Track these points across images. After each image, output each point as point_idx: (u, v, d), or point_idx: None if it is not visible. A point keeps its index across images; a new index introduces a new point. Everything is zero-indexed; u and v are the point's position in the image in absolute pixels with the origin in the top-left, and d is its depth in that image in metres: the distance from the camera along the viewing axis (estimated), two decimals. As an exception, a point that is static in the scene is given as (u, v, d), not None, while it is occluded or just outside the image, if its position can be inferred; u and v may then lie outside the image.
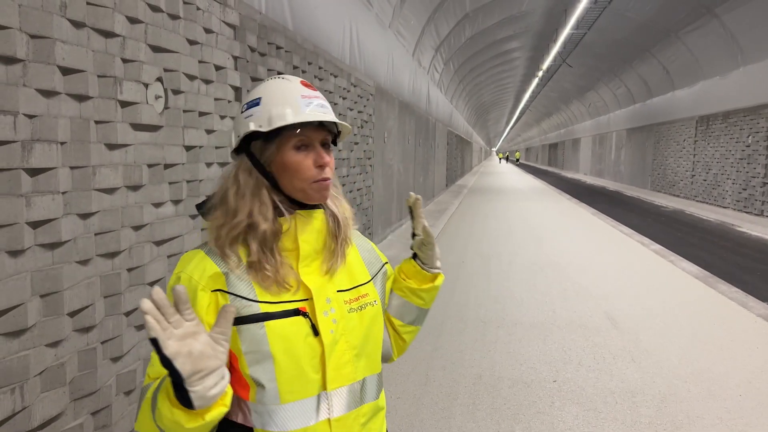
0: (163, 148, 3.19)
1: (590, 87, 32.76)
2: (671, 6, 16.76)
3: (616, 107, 30.82)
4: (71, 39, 2.45)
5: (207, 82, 3.68)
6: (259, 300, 1.10)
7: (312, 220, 1.19)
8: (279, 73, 4.96)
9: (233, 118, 4.10)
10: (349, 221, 1.25)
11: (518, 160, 74.42)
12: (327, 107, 1.19)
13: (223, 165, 3.97)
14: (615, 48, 23.10)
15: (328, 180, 1.16)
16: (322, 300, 1.16)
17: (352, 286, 1.22)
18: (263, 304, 1.10)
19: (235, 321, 1.06)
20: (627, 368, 4.20)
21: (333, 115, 1.18)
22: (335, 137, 1.23)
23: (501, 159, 78.94)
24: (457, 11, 14.77)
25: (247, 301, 1.09)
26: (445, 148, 21.99)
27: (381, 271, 1.33)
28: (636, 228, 12.20)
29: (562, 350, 4.57)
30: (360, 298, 1.22)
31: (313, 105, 1.16)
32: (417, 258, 1.39)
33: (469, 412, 3.49)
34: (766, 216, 14.48)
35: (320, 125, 1.16)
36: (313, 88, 1.20)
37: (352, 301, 1.20)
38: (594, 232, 11.36)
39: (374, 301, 1.25)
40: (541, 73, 28.17)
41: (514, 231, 11.22)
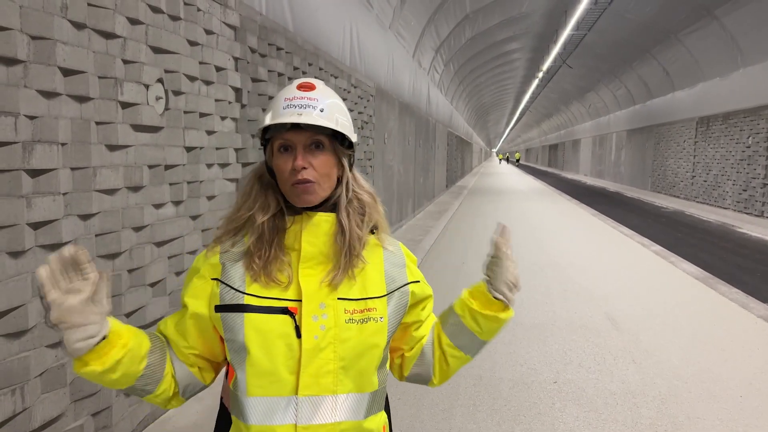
0: (163, 149, 3.19)
1: (590, 88, 32.77)
2: (671, 7, 16.77)
3: (616, 108, 30.83)
4: (72, 40, 2.45)
5: (207, 83, 3.68)
6: (245, 292, 1.14)
7: (319, 222, 1.18)
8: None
9: (235, 120, 4.10)
10: (361, 239, 1.19)
11: (518, 160, 74.42)
12: (310, 108, 1.14)
13: (223, 166, 3.97)
14: (615, 49, 23.11)
15: (305, 183, 1.13)
16: (313, 304, 1.14)
17: (360, 297, 1.18)
18: (248, 297, 1.14)
19: (220, 308, 1.14)
20: (627, 369, 4.19)
21: (315, 117, 1.13)
22: (344, 138, 1.19)
23: (501, 160, 78.93)
24: (457, 12, 14.78)
25: (234, 292, 1.14)
26: (445, 149, 21.99)
27: (401, 289, 1.24)
28: (636, 229, 12.20)
29: (562, 351, 4.57)
30: (365, 311, 1.17)
31: (291, 107, 1.14)
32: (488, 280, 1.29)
33: (470, 413, 3.49)
34: (766, 217, 14.48)
35: (302, 127, 1.13)
36: (308, 89, 1.18)
37: (356, 312, 1.16)
38: (594, 233, 11.36)
39: (380, 318, 1.19)
40: (541, 74, 28.19)
41: (514, 232, 11.11)
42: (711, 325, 5.29)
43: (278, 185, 1.19)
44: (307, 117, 1.13)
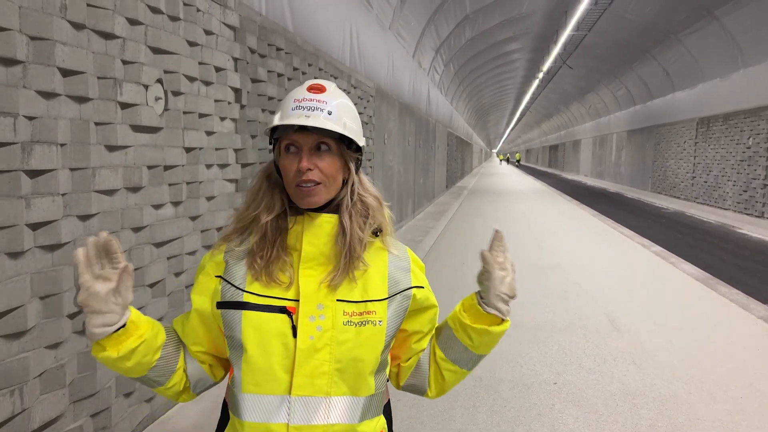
0: (163, 149, 3.19)
1: (590, 88, 32.77)
2: (671, 8, 16.77)
3: (617, 109, 30.83)
4: (71, 41, 2.45)
5: (207, 83, 3.68)
6: (245, 290, 1.16)
7: (321, 223, 1.18)
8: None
9: (234, 121, 4.10)
10: (362, 241, 1.19)
11: (518, 161, 74.45)
12: (318, 111, 1.14)
13: (223, 167, 3.97)
14: (615, 49, 23.11)
15: (309, 185, 1.14)
16: (311, 304, 1.14)
17: (360, 300, 1.17)
18: (248, 294, 1.15)
19: (221, 305, 1.17)
20: (627, 370, 4.19)
21: (322, 120, 1.13)
22: (351, 141, 1.19)
23: (502, 161, 78.94)
24: (458, 12, 14.78)
25: (235, 289, 1.17)
26: (445, 150, 21.99)
27: (403, 293, 1.22)
28: (636, 229, 12.19)
29: (562, 352, 4.56)
30: (365, 313, 1.16)
31: (300, 109, 1.14)
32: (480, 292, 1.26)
33: (470, 415, 3.48)
34: (766, 218, 14.47)
35: (309, 129, 1.14)
36: (318, 91, 1.18)
37: (354, 314, 1.16)
38: (594, 234, 11.36)
39: (379, 321, 1.17)
40: (541, 75, 28.18)
41: (514, 232, 11.21)
42: (711, 326, 5.29)
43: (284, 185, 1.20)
44: (315, 120, 1.13)
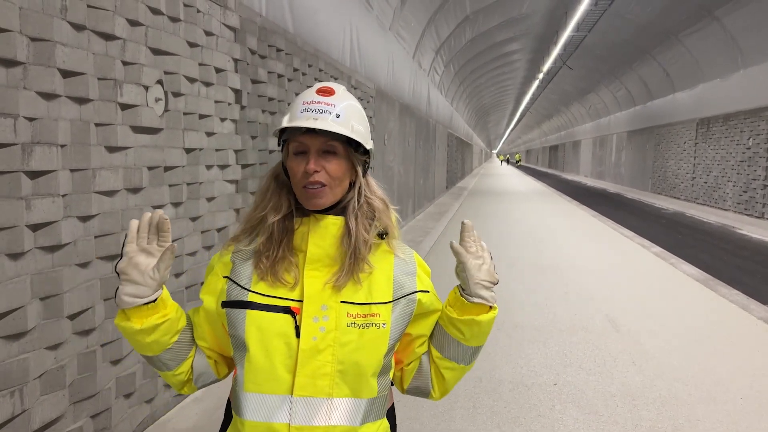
0: (163, 150, 3.19)
1: (590, 89, 32.76)
2: (672, 8, 16.77)
3: (617, 109, 30.83)
4: (72, 42, 2.45)
5: (207, 84, 3.68)
6: (250, 289, 1.17)
7: (327, 225, 1.19)
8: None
9: (235, 121, 4.10)
10: (367, 243, 1.19)
11: (519, 161, 74.44)
12: (326, 114, 1.15)
13: (223, 168, 3.97)
14: (615, 50, 23.11)
15: (316, 187, 1.15)
16: (315, 305, 1.15)
17: (364, 302, 1.18)
18: (253, 294, 1.17)
19: (226, 304, 1.19)
20: (627, 371, 4.19)
21: (330, 123, 1.14)
22: (359, 144, 1.19)
23: (502, 161, 78.96)
24: (458, 13, 14.78)
25: (241, 289, 1.18)
26: (445, 150, 21.99)
27: (408, 296, 1.23)
28: (637, 230, 12.19)
29: (562, 353, 4.56)
30: (369, 315, 1.17)
31: (308, 111, 1.15)
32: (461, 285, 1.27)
33: (470, 415, 3.48)
34: (766, 218, 14.47)
35: (317, 132, 1.14)
36: (326, 94, 1.18)
37: (359, 316, 1.16)
38: (594, 235, 11.36)
39: (382, 324, 1.18)
40: (541, 75, 28.17)
41: (514, 233, 11.21)
42: (711, 326, 5.29)
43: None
44: (322, 122, 1.14)
